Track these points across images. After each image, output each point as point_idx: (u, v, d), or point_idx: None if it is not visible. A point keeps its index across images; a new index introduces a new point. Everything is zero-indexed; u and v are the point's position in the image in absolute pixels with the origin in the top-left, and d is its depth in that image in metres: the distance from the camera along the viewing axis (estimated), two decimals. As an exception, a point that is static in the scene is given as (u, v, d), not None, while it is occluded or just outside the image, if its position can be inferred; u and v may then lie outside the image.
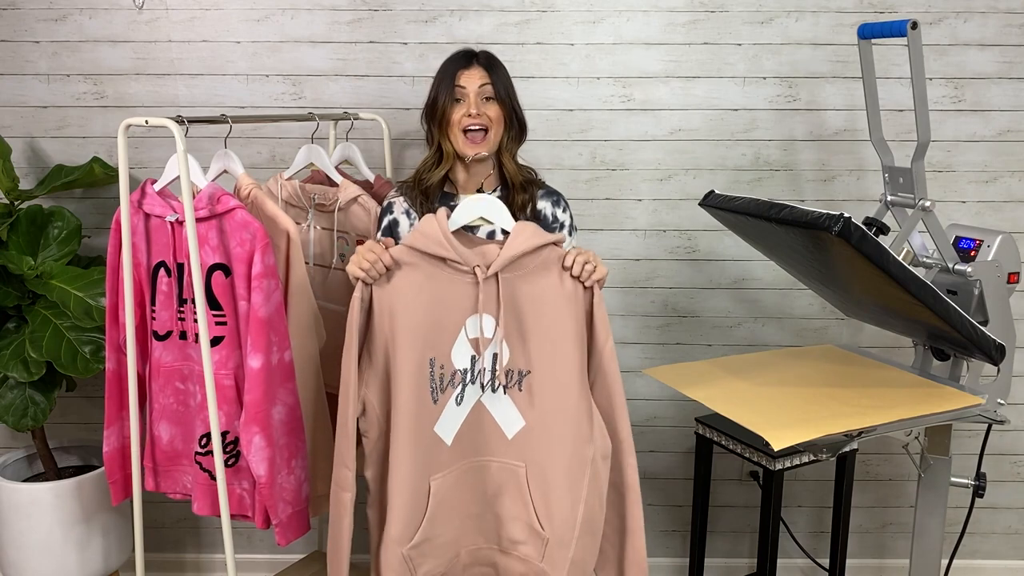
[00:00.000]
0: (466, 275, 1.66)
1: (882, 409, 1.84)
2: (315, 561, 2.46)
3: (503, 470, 1.72)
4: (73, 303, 2.18)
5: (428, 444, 1.68)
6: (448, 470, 1.71)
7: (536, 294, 1.67)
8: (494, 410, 1.71)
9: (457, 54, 1.87)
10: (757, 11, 2.45)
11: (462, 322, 1.67)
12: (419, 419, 1.66)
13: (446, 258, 1.64)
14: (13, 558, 2.35)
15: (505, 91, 1.85)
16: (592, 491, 1.72)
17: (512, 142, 1.88)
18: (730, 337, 2.64)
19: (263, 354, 1.79)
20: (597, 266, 1.69)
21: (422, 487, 1.68)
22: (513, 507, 1.73)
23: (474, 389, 1.70)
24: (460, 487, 1.72)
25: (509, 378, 1.70)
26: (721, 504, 2.73)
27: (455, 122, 1.81)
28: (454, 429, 1.70)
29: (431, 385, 1.67)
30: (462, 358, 1.68)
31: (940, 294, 1.77)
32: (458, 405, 1.69)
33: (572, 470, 1.70)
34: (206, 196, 1.80)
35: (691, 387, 2.00)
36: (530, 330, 1.68)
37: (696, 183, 2.54)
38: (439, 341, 1.67)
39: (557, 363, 1.69)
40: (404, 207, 1.86)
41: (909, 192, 2.00)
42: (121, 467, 2.02)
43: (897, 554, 2.78)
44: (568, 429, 1.70)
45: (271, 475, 1.83)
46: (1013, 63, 2.47)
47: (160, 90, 2.50)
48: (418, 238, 1.64)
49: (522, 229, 1.67)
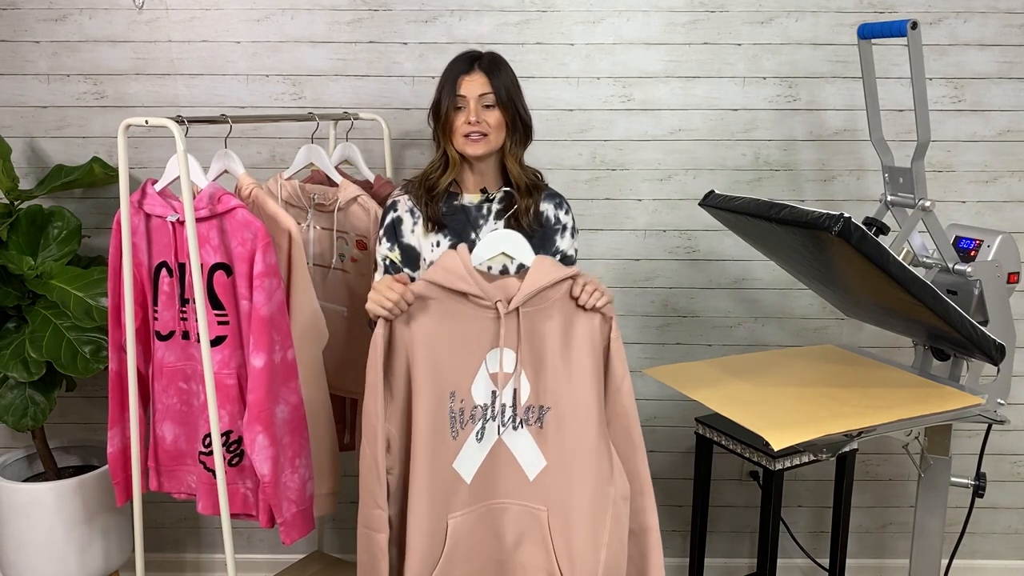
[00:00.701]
0: (487, 310, 1.64)
1: (882, 409, 1.84)
2: (315, 561, 2.46)
3: (524, 514, 1.69)
4: (73, 303, 2.18)
5: (446, 481, 1.65)
6: (467, 510, 1.67)
7: (555, 329, 1.66)
8: (515, 448, 1.68)
9: (460, 57, 1.84)
10: (757, 11, 2.45)
11: (483, 357, 1.65)
12: (437, 454, 1.64)
13: (468, 293, 1.62)
14: (13, 558, 2.35)
15: (507, 95, 1.82)
16: (614, 535, 1.67)
17: (516, 145, 1.86)
18: (730, 337, 2.64)
19: (265, 353, 1.79)
20: (603, 293, 1.67)
21: (439, 526, 1.65)
22: (535, 555, 1.69)
23: (494, 426, 1.67)
24: (478, 531, 1.69)
25: (529, 414, 1.68)
26: (721, 504, 2.74)
27: (456, 128, 1.81)
28: (474, 467, 1.67)
29: (450, 420, 1.65)
30: (482, 393, 1.66)
31: (940, 294, 1.77)
32: (478, 442, 1.67)
33: (595, 512, 1.66)
34: (207, 196, 1.81)
35: (691, 387, 2.00)
36: (549, 365, 1.67)
37: (696, 183, 2.54)
38: (459, 376, 1.65)
39: (577, 399, 1.67)
40: (408, 206, 1.86)
41: (909, 192, 2.01)
42: (124, 467, 2.02)
43: (897, 554, 2.78)
44: (589, 468, 1.66)
45: (275, 474, 1.83)
46: (1013, 63, 2.47)
47: (160, 90, 2.50)
48: (440, 273, 1.62)
49: (541, 263, 1.66)
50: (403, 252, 1.86)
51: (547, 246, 1.87)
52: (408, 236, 1.84)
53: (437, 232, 1.85)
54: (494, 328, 1.65)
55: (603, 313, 1.68)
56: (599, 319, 1.68)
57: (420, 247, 1.86)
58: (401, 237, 1.84)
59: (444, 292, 1.63)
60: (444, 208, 1.84)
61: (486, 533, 1.70)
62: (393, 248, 1.85)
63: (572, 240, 1.92)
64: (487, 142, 1.81)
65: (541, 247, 1.84)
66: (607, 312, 1.68)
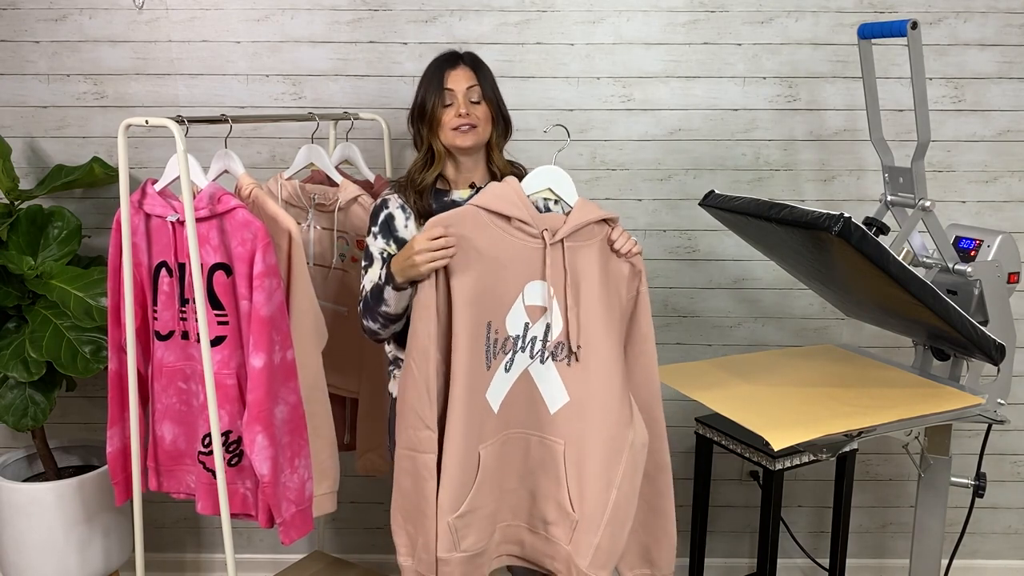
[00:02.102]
0: (533, 239, 1.66)
1: (882, 409, 1.84)
2: (315, 561, 2.46)
3: (541, 446, 1.72)
4: (73, 303, 2.18)
5: (480, 411, 1.66)
6: (494, 439, 1.69)
7: (594, 269, 1.69)
8: (540, 382, 1.71)
9: (442, 56, 1.88)
10: (757, 11, 2.45)
11: (521, 287, 1.67)
12: (473, 385, 1.65)
13: (517, 218, 1.64)
14: (13, 558, 2.35)
15: (492, 90, 1.87)
16: (626, 477, 1.69)
17: (500, 137, 1.91)
18: (730, 337, 2.64)
19: (265, 353, 1.79)
20: (635, 244, 1.73)
21: (472, 455, 1.66)
22: (547, 485, 1.72)
23: (523, 357, 1.69)
24: (501, 458, 1.71)
25: (559, 349, 1.70)
26: (721, 504, 2.73)
27: (445, 123, 1.83)
28: (501, 396, 1.69)
29: (486, 350, 1.66)
30: (516, 324, 1.68)
31: (940, 294, 1.77)
32: (506, 372, 1.69)
33: (609, 452, 1.68)
34: (207, 196, 1.81)
35: (691, 387, 2.00)
36: (584, 304, 1.69)
37: (696, 183, 2.54)
38: (497, 305, 1.66)
39: (606, 340, 1.69)
40: (399, 203, 1.86)
41: (909, 192, 2.01)
42: (124, 467, 2.02)
43: (897, 554, 2.78)
44: (611, 409, 1.69)
45: (274, 474, 1.83)
46: (1013, 63, 2.47)
47: (160, 90, 2.50)
48: (491, 199, 1.64)
49: (584, 203, 1.70)
50: (399, 247, 1.86)
51: None
52: (402, 231, 1.85)
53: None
54: (536, 259, 1.66)
55: (633, 264, 1.72)
56: (629, 269, 1.72)
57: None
58: (396, 232, 1.84)
59: (491, 218, 1.64)
60: (435, 205, 1.85)
61: (507, 461, 1.72)
62: (390, 243, 1.85)
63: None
64: (476, 134, 1.83)
65: None
66: (637, 263, 1.73)
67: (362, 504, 2.74)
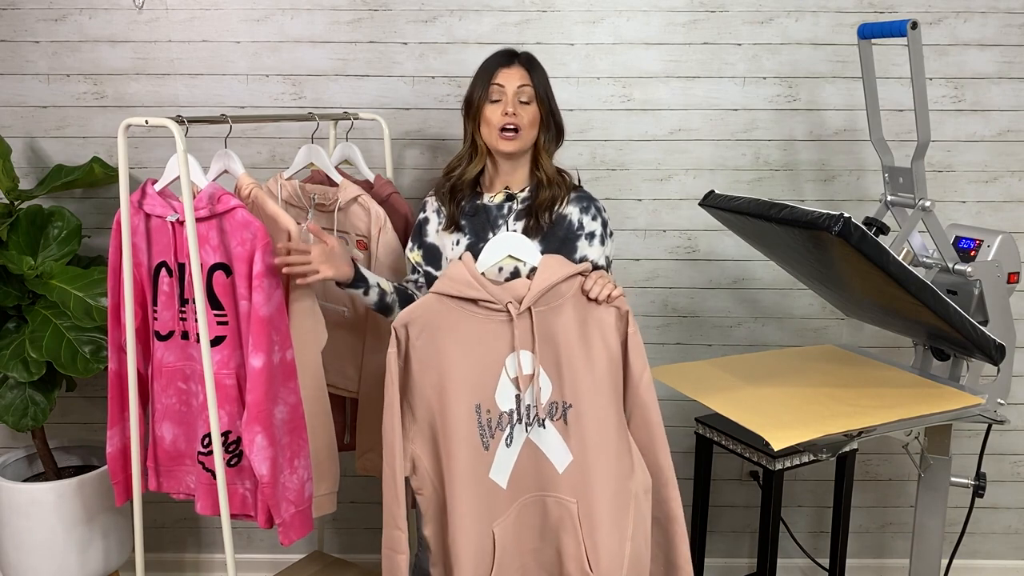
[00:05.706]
0: (499, 313, 1.64)
1: (882, 409, 1.84)
2: (315, 561, 2.46)
3: (559, 506, 1.69)
4: (73, 303, 2.18)
5: (486, 492, 1.65)
6: (507, 513, 1.68)
7: (571, 326, 1.66)
8: (543, 445, 1.69)
9: (499, 52, 1.86)
10: (757, 11, 2.45)
11: (502, 363, 1.65)
12: (475, 468, 1.64)
13: (477, 299, 1.62)
14: (13, 558, 2.35)
15: (544, 92, 1.84)
16: (637, 528, 1.68)
17: (550, 143, 1.88)
18: (730, 337, 2.64)
19: (265, 353, 1.79)
20: (615, 286, 1.68)
21: (486, 537, 1.65)
22: (570, 544, 1.69)
23: (521, 427, 1.68)
24: (520, 526, 1.69)
25: (553, 409, 1.68)
26: (721, 504, 2.73)
27: (491, 120, 1.81)
28: (508, 471, 1.68)
29: (480, 432, 1.65)
30: (506, 399, 1.66)
31: (940, 294, 1.77)
32: (508, 447, 1.67)
33: (617, 506, 1.67)
34: (206, 196, 1.80)
35: (691, 387, 2.00)
36: (567, 363, 1.67)
37: (696, 183, 2.54)
38: (483, 386, 1.65)
39: (596, 395, 1.67)
40: (435, 206, 1.88)
41: (909, 192, 2.01)
42: (124, 467, 2.01)
43: (897, 554, 2.78)
44: (611, 463, 1.67)
45: (273, 474, 1.83)
46: (1013, 63, 2.47)
47: (160, 90, 2.50)
48: (446, 284, 1.63)
49: (548, 261, 1.67)
50: (426, 252, 1.90)
51: (567, 250, 1.84)
52: (432, 236, 1.87)
53: (456, 231, 1.87)
54: (509, 332, 1.64)
55: (618, 307, 1.68)
56: (614, 314, 1.68)
57: (442, 246, 1.90)
58: (425, 237, 1.86)
59: (454, 302, 1.63)
60: (467, 207, 1.84)
61: (527, 525, 1.70)
62: (414, 249, 1.89)
63: (603, 247, 1.88)
64: (520, 139, 1.82)
65: (561, 250, 1.82)
66: (621, 306, 1.68)
67: (362, 504, 2.74)
